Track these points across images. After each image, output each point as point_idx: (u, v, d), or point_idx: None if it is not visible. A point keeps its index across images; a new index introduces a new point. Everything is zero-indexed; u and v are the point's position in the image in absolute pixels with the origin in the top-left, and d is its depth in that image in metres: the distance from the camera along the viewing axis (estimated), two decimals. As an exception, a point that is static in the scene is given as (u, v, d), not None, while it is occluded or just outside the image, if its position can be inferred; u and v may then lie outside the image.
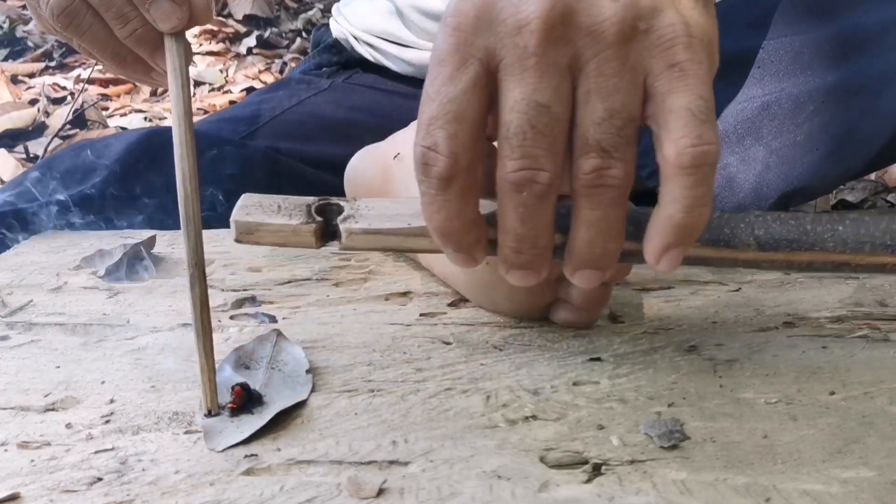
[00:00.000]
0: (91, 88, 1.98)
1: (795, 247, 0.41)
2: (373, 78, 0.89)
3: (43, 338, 0.51)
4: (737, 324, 0.51)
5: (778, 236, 0.40)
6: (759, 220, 0.41)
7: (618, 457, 0.38)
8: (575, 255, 0.38)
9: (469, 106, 0.34)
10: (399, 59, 0.86)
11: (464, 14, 0.35)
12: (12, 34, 2.35)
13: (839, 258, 0.41)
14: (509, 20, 0.34)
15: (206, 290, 0.43)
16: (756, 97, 0.66)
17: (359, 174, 0.62)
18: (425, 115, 0.35)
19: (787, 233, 0.41)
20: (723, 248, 0.41)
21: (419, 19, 0.83)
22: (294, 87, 0.91)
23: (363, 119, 0.84)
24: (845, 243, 0.41)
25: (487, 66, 0.34)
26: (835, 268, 0.41)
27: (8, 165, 1.56)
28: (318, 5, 2.63)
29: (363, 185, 0.61)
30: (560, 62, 0.34)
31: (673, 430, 0.39)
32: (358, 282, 0.59)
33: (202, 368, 0.41)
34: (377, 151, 0.60)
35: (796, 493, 0.35)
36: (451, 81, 0.34)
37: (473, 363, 0.47)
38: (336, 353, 0.48)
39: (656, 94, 0.34)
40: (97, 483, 0.37)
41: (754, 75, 0.66)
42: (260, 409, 0.42)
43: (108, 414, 0.42)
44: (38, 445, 0.40)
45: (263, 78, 2.24)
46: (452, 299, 0.55)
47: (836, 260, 0.41)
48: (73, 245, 0.67)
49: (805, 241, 0.41)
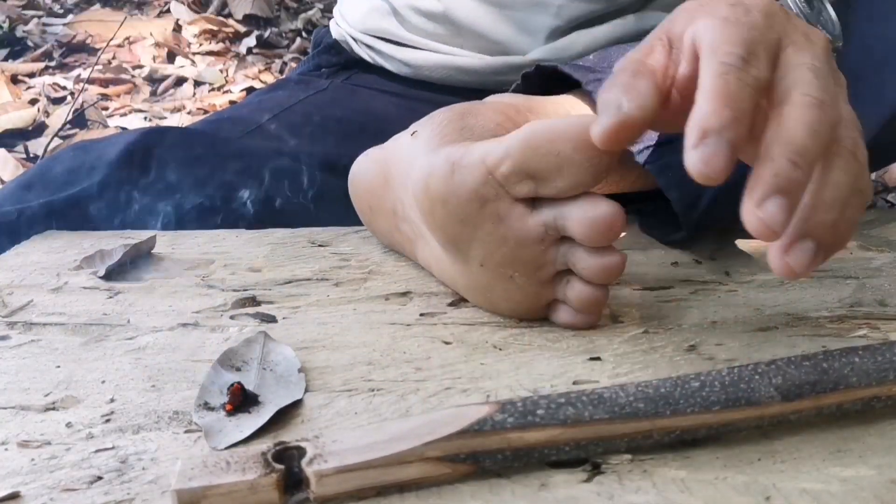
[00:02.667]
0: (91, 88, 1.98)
1: (819, 389, 0.38)
2: (371, 79, 0.89)
3: (43, 337, 0.51)
4: (737, 324, 0.51)
5: (799, 381, 0.38)
6: (772, 367, 0.38)
7: (617, 455, 0.38)
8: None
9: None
10: (396, 59, 0.86)
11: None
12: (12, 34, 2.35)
13: (867, 393, 0.39)
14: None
15: None
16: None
17: (361, 177, 0.62)
18: (748, 32, 0.40)
19: (807, 375, 0.38)
20: (745, 406, 0.37)
21: (415, 18, 0.83)
22: (293, 87, 0.91)
23: (362, 119, 0.84)
24: (868, 375, 0.39)
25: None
26: (865, 405, 0.39)
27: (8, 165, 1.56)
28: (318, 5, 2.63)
29: (366, 187, 0.61)
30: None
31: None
32: (358, 282, 0.59)
33: None
34: (379, 154, 0.60)
35: (796, 492, 0.35)
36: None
37: (473, 363, 0.47)
38: (336, 353, 0.48)
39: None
40: (97, 482, 0.37)
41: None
42: (257, 408, 0.42)
43: (108, 413, 0.42)
44: (39, 444, 0.40)
45: (263, 78, 2.24)
46: (452, 299, 0.55)
47: (866, 395, 0.39)
48: (73, 245, 0.67)
49: (828, 381, 0.38)
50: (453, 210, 0.48)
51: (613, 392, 0.37)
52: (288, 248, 0.66)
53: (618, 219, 0.46)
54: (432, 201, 0.49)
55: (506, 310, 0.52)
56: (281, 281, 0.59)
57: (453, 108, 0.54)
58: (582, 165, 0.45)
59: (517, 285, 0.49)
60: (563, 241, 0.48)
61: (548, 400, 0.37)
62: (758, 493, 0.35)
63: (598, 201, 0.46)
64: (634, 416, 0.36)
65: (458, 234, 0.49)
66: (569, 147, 0.45)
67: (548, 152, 0.45)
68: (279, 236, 0.68)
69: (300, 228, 0.71)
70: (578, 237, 0.46)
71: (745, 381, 0.38)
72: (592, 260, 0.47)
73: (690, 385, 0.37)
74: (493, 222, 0.48)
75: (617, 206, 0.46)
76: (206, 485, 0.33)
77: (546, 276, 0.49)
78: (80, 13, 2.56)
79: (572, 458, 0.37)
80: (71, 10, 2.61)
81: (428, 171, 0.49)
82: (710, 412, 0.37)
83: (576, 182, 0.46)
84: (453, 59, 0.84)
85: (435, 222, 0.50)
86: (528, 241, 0.48)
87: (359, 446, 0.35)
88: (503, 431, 0.35)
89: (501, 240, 0.48)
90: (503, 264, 0.49)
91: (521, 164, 0.46)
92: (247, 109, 0.88)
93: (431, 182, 0.49)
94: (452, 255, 0.52)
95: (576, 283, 0.49)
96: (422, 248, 0.57)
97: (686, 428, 0.37)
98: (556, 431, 0.36)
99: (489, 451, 0.35)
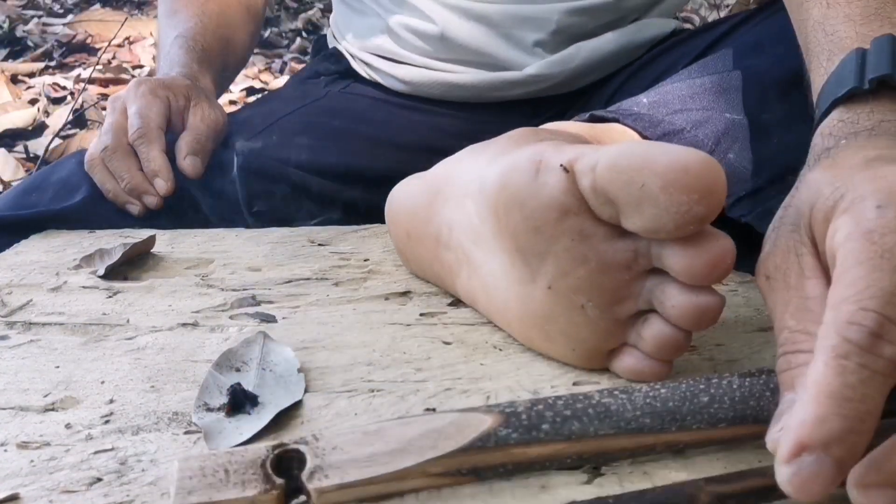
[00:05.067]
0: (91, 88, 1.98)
1: None
2: (369, 89, 0.89)
3: (42, 337, 0.51)
4: (737, 324, 0.51)
5: None
6: (774, 377, 0.36)
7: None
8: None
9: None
10: (391, 76, 0.86)
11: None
12: (12, 34, 2.35)
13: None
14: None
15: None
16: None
17: (402, 201, 0.58)
18: (891, 280, 0.30)
19: None
20: (751, 424, 0.36)
21: (409, 37, 0.83)
22: (291, 95, 0.91)
23: (360, 128, 0.84)
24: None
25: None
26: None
27: (8, 165, 1.56)
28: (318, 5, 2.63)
29: (407, 211, 0.57)
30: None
31: None
32: (358, 281, 0.59)
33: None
34: (427, 176, 0.57)
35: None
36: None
37: (473, 363, 0.47)
38: (336, 353, 0.48)
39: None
40: (97, 483, 0.37)
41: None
42: (257, 409, 0.42)
43: (107, 414, 0.42)
44: (38, 446, 0.40)
45: (263, 77, 2.24)
46: (452, 299, 0.55)
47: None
48: (72, 244, 0.67)
49: None
50: (530, 215, 0.42)
51: (621, 404, 0.36)
52: (287, 247, 0.65)
53: (729, 255, 0.39)
54: (508, 202, 0.43)
55: (562, 347, 0.45)
56: (280, 280, 0.59)
57: (520, 129, 0.51)
58: (665, 208, 0.37)
59: (587, 318, 0.43)
60: (652, 273, 0.41)
61: (553, 412, 0.36)
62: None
63: (706, 231, 0.39)
64: (640, 432, 0.36)
65: (531, 244, 0.43)
66: (656, 182, 0.37)
67: (630, 181, 0.38)
68: (279, 235, 0.68)
69: (299, 227, 0.71)
70: (676, 270, 0.39)
71: (755, 398, 0.36)
72: (685, 298, 0.40)
73: (700, 400, 0.36)
74: (572, 238, 0.41)
75: (730, 241, 0.39)
76: (207, 501, 0.32)
77: (624, 313, 0.42)
78: (80, 13, 2.56)
79: (574, 466, 0.37)
80: (71, 10, 2.61)
81: (509, 167, 0.44)
82: (715, 429, 0.36)
83: (654, 226, 0.38)
84: (449, 76, 0.83)
85: (506, 228, 0.44)
86: (613, 266, 0.41)
87: (359, 459, 0.34)
88: (506, 447, 0.35)
89: (581, 259, 0.41)
90: (577, 289, 0.42)
91: (603, 186, 0.39)
92: (243, 116, 0.88)
93: (511, 179, 0.43)
94: (517, 272, 0.45)
95: (656, 321, 0.42)
96: (466, 277, 0.51)
97: (690, 443, 0.36)
98: (560, 446, 0.35)
99: (491, 465, 0.35)
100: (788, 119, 0.59)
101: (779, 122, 0.59)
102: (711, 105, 0.61)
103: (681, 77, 0.65)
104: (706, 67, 0.65)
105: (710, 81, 0.62)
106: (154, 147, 0.74)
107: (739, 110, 0.60)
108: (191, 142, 0.76)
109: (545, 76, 0.81)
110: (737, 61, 0.64)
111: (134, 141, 0.75)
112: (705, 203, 0.37)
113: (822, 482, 0.29)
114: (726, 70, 0.63)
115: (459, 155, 0.54)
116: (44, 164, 1.51)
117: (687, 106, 0.61)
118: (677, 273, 0.39)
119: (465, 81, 0.83)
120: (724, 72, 0.63)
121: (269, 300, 0.56)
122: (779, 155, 0.58)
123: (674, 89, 0.63)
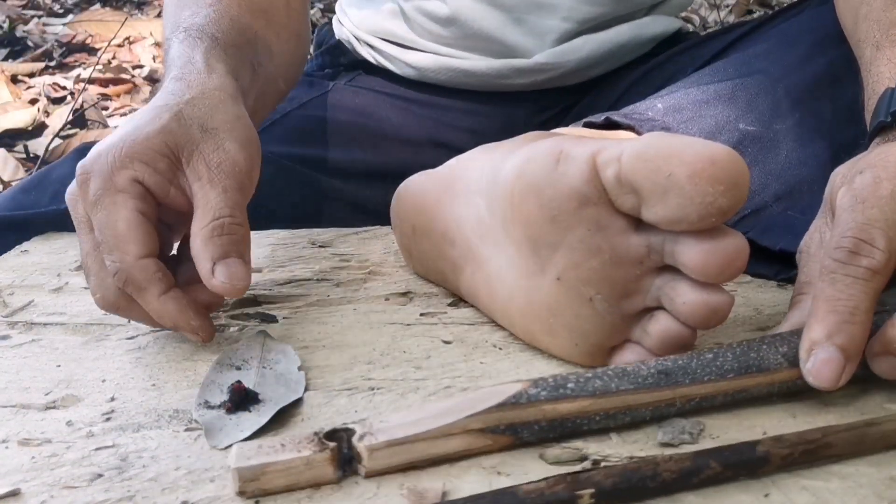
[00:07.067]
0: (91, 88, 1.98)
1: None
2: (375, 80, 0.89)
3: (44, 337, 0.51)
4: (736, 324, 0.51)
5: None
6: (777, 338, 0.41)
7: (617, 453, 0.38)
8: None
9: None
10: (401, 61, 0.86)
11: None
12: (12, 34, 2.35)
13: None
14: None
15: None
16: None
17: (410, 196, 0.58)
18: (863, 215, 0.40)
19: None
20: (756, 373, 0.40)
21: (422, 20, 0.83)
22: (296, 89, 0.91)
23: (365, 122, 0.84)
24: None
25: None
26: (865, 368, 0.41)
27: (8, 165, 1.56)
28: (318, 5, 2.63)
29: (414, 206, 0.57)
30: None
31: (690, 431, 0.39)
32: (358, 282, 0.59)
33: None
34: (440, 171, 0.56)
35: (796, 489, 0.35)
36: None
37: (473, 362, 0.47)
38: (336, 353, 0.48)
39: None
40: (98, 479, 0.37)
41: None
42: (258, 407, 0.42)
43: (108, 412, 0.43)
44: (39, 443, 0.40)
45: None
46: (452, 299, 0.55)
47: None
48: (73, 246, 0.67)
49: None
50: (547, 204, 0.42)
51: (635, 367, 0.40)
52: (288, 248, 0.66)
53: (743, 253, 0.40)
54: (525, 190, 0.44)
55: (565, 342, 0.45)
56: (281, 281, 0.59)
57: (532, 132, 0.52)
58: (691, 198, 0.38)
59: (594, 311, 0.43)
60: (663, 270, 0.42)
61: (576, 375, 0.39)
62: (757, 491, 0.35)
63: (720, 229, 0.40)
64: (657, 387, 0.39)
65: (545, 233, 0.43)
66: (683, 171, 0.38)
67: (657, 169, 0.39)
68: (280, 237, 0.68)
69: (301, 229, 0.71)
70: (689, 267, 0.40)
71: (755, 351, 0.40)
72: (696, 295, 0.40)
73: (705, 356, 0.40)
74: (588, 228, 0.42)
75: (744, 240, 0.40)
76: (265, 462, 0.35)
77: (631, 309, 0.43)
78: (80, 13, 2.56)
79: (602, 427, 0.39)
80: (71, 10, 2.61)
81: (527, 158, 0.44)
82: (725, 379, 0.40)
83: (678, 215, 0.39)
84: (458, 62, 0.84)
85: (520, 217, 0.44)
86: (626, 259, 0.41)
87: (405, 423, 0.37)
88: (538, 403, 0.38)
89: (595, 251, 0.42)
90: (587, 281, 0.42)
91: (628, 175, 0.40)
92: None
93: (529, 168, 0.43)
94: (525, 263, 0.45)
95: (664, 318, 0.42)
96: (469, 273, 0.51)
97: (704, 395, 0.40)
98: (586, 402, 0.38)
99: (526, 422, 0.38)
100: (799, 129, 0.60)
101: (789, 131, 0.60)
102: (724, 113, 0.61)
103: (694, 81, 0.65)
104: (720, 72, 0.65)
105: (725, 88, 0.62)
106: (149, 294, 0.47)
107: (752, 120, 0.61)
108: (207, 238, 0.47)
109: (552, 65, 0.81)
110: (751, 67, 0.64)
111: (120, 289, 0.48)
112: (730, 195, 0.38)
113: (833, 367, 0.38)
114: (740, 76, 0.63)
115: (472, 153, 0.54)
116: (44, 164, 1.51)
117: (700, 113, 0.61)
118: (690, 269, 0.40)
119: (472, 68, 0.83)
120: (738, 78, 0.63)
121: (269, 300, 0.56)
122: (787, 171, 0.58)
123: (688, 94, 0.63)
